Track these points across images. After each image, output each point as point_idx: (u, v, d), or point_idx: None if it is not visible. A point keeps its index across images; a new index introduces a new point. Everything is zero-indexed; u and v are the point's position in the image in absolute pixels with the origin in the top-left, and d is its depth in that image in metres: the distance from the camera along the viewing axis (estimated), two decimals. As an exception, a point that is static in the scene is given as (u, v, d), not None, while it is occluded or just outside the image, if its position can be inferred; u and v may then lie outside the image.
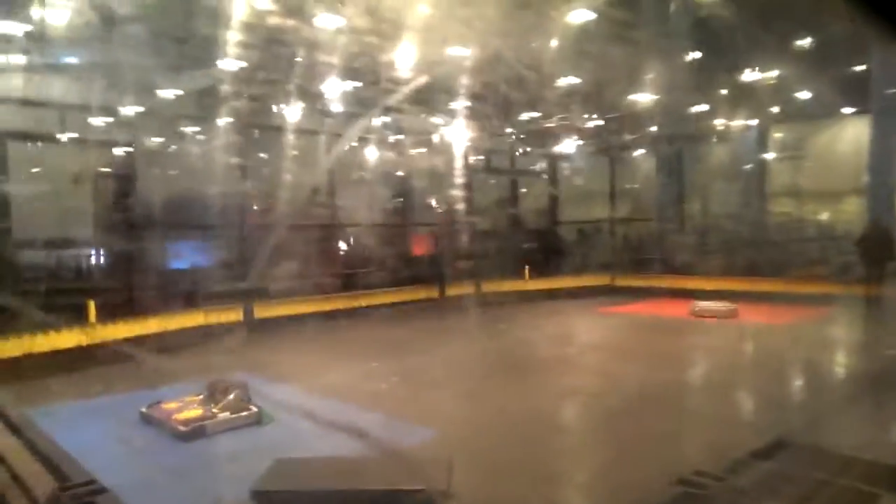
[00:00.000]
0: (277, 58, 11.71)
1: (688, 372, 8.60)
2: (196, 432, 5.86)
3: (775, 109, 17.94)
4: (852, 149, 16.86)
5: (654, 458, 4.78)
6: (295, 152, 13.46)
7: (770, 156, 19.66)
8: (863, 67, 14.12)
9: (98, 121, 12.05)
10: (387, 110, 15.15)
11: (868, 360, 8.49)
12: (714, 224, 18.85)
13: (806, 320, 11.59)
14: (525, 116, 17.45)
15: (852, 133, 17.57)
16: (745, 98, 16.71)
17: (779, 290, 13.55)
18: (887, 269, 11.65)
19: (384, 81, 12.71)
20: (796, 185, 19.06)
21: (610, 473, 4.79)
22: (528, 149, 19.72)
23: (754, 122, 18.65)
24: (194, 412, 6.22)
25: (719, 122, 18.55)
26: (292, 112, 12.88)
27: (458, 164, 15.89)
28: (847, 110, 17.34)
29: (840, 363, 8.96)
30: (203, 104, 13.36)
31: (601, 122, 18.36)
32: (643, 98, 15.44)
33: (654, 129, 18.33)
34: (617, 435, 5.75)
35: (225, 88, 11.97)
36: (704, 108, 17.90)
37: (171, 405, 6.48)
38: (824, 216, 18.91)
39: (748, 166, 19.54)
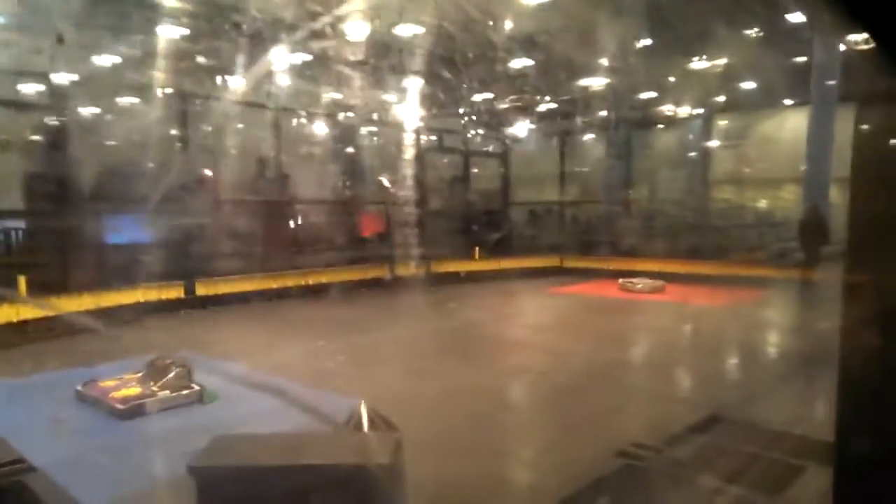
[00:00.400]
0: (220, 27, 11.30)
1: (630, 350, 8.83)
2: (134, 410, 5.66)
3: (721, 98, 18.46)
4: (792, 138, 17.55)
5: (599, 432, 4.90)
6: (240, 125, 13.08)
7: (714, 143, 20.27)
8: (804, 59, 14.63)
9: (29, 87, 11.41)
10: (339, 85, 14.87)
11: (795, 340, 8.91)
12: (659, 208, 19.35)
13: (742, 302, 12.07)
14: (478, 98, 17.42)
15: (793, 123, 18.28)
16: (693, 86, 17.13)
17: (719, 273, 14.07)
18: (821, 253, 12.23)
19: (335, 54, 12.46)
20: (738, 173, 19.77)
21: (556, 448, 4.88)
22: (481, 130, 19.72)
23: (700, 109, 19.16)
24: (133, 390, 6.01)
25: (667, 109, 18.98)
26: (237, 83, 12.44)
27: (410, 142, 15.76)
28: (788, 101, 18.02)
29: (770, 342, 9.37)
30: (142, 72, 12.78)
31: (553, 105, 18.51)
32: (594, 82, 15.61)
33: (604, 113, 18.60)
34: (563, 411, 5.86)
35: (165, 56, 11.48)
36: (653, 94, 18.27)
37: (109, 383, 6.24)
38: (763, 203, 19.69)
39: (693, 153, 20.10)
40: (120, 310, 10.38)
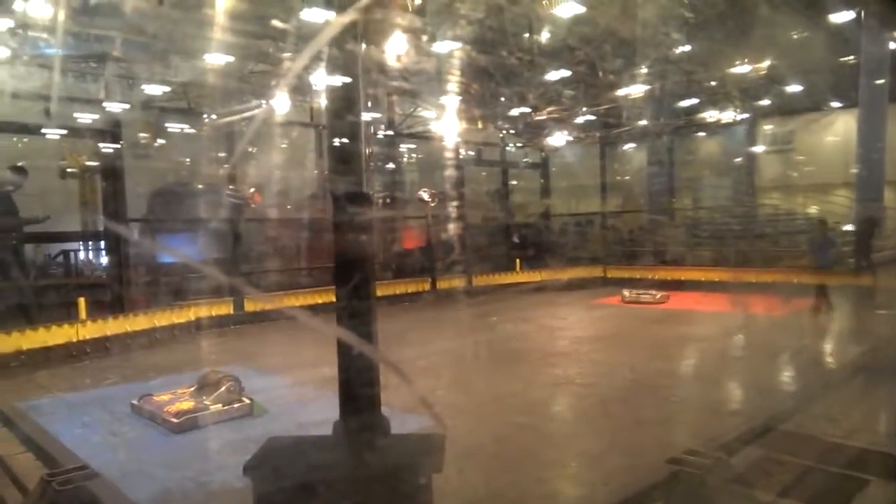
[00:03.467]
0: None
1: (675, 361, 8.64)
2: (188, 424, 5.83)
3: (765, 102, 18.03)
4: (841, 141, 16.99)
5: (646, 442, 4.82)
6: (284, 144, 13.43)
7: (759, 149, 19.79)
8: (852, 58, 14.19)
9: (82, 115, 11.95)
10: (375, 105, 15.13)
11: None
12: (704, 216, 18.96)
13: (790, 312, 11.66)
14: (516, 111, 17.44)
15: (841, 126, 17.71)
16: (736, 90, 16.79)
17: (766, 280, 13.68)
18: (873, 259, 11.82)
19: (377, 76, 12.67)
20: (785, 178, 19.21)
21: (603, 458, 4.81)
22: (520, 142, 19.73)
23: (745, 115, 18.75)
24: (186, 404, 6.19)
25: (710, 115, 18.62)
26: (281, 104, 12.79)
27: (450, 156, 15.88)
28: (836, 103, 17.47)
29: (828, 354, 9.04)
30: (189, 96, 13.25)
31: (592, 116, 18.38)
32: (634, 90, 15.44)
33: (645, 122, 18.37)
34: (610, 421, 5.78)
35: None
36: (695, 100, 17.96)
37: (163, 397, 6.45)
38: (813, 209, 19.06)
39: (738, 159, 19.66)
40: (173, 327, 10.72)
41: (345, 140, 2.92)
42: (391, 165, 16.72)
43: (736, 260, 15.39)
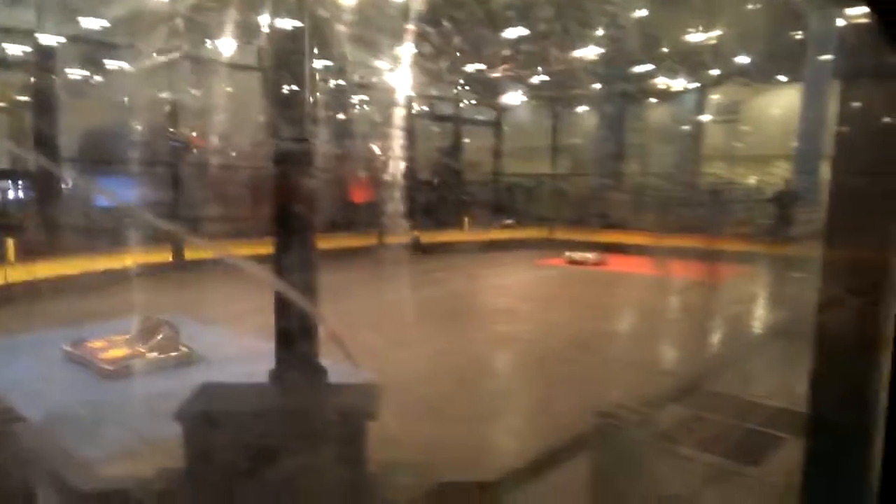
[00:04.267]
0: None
1: (612, 321, 8.95)
2: (123, 371, 5.72)
3: (715, 72, 18.36)
4: (785, 115, 17.53)
5: (577, 398, 5.01)
6: (230, 89, 12.90)
7: (707, 118, 20.23)
8: (800, 34, 14.53)
9: (15, 47, 11.16)
10: (328, 53, 14.66)
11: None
12: (650, 182, 19.39)
13: (729, 277, 12.19)
14: (471, 67, 17.21)
15: (786, 99, 18.24)
16: (687, 59, 17.02)
17: (704, 247, 14.18)
18: (791, 228, 12.50)
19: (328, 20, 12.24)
20: (730, 148, 19.78)
21: (536, 412, 4.99)
22: (473, 99, 19.57)
23: (695, 84, 19.06)
24: (121, 351, 6.06)
25: (661, 82, 18.86)
26: (228, 45, 12.23)
27: (402, 110, 15.62)
28: (782, 77, 17.95)
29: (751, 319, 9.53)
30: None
31: (546, 77, 18.35)
32: (588, 52, 15.45)
33: (598, 85, 18.47)
34: (545, 378, 5.98)
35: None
36: (648, 67, 18.12)
37: (97, 344, 6.28)
38: (753, 179, 19.75)
39: (686, 127, 20.06)
40: (107, 273, 10.35)
41: (289, 86, 2.84)
42: (341, 116, 16.34)
43: (677, 226, 15.88)
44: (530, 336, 7.68)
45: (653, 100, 20.42)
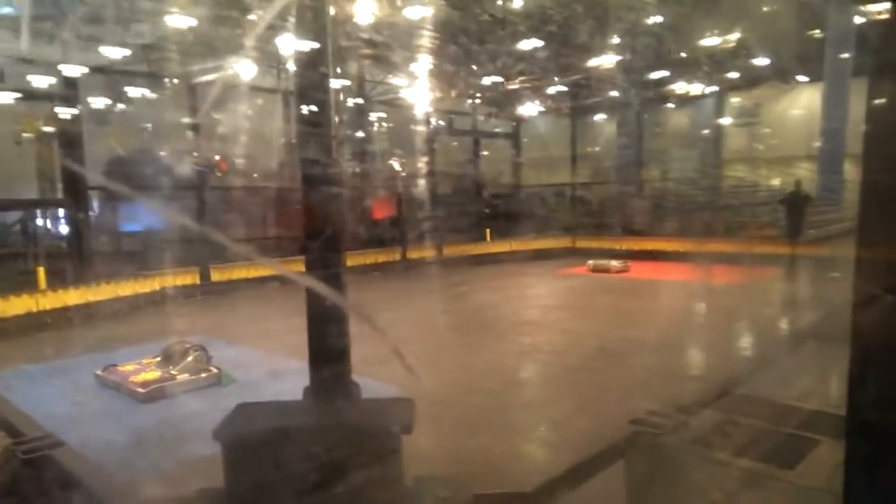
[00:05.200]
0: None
1: (639, 329, 8.85)
2: (154, 394, 5.79)
3: (733, 75, 18.22)
4: (806, 115, 17.33)
5: (612, 407, 4.96)
6: (249, 111, 13.13)
7: (727, 121, 20.07)
8: (818, 33, 14.38)
9: (39, 79, 11.48)
10: (344, 71, 14.86)
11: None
12: (671, 188, 19.25)
13: (757, 279, 12.03)
14: (488, 80, 17.31)
15: (807, 99, 18.03)
16: (705, 63, 16.92)
17: (730, 251, 14.03)
18: (803, 228, 12.37)
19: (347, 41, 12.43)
20: (751, 151, 19.57)
21: (568, 422, 4.95)
22: (492, 111, 19.64)
23: (713, 87, 18.94)
24: (152, 374, 6.14)
25: (679, 87, 18.76)
26: (246, 69, 12.44)
27: (420, 125, 15.76)
28: (802, 77, 17.75)
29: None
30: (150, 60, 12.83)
31: (563, 87, 18.37)
32: (605, 61, 15.43)
33: (615, 93, 18.44)
34: (576, 387, 5.93)
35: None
36: (665, 73, 18.06)
37: (128, 367, 6.38)
38: (776, 181, 19.50)
39: (705, 132, 19.92)
40: (137, 297, 10.54)
41: (313, 107, 2.88)
42: (361, 134, 16.52)
43: (700, 230, 15.73)
44: (557, 347, 7.63)
45: (671, 105, 20.31)
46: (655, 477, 2.71)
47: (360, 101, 16.03)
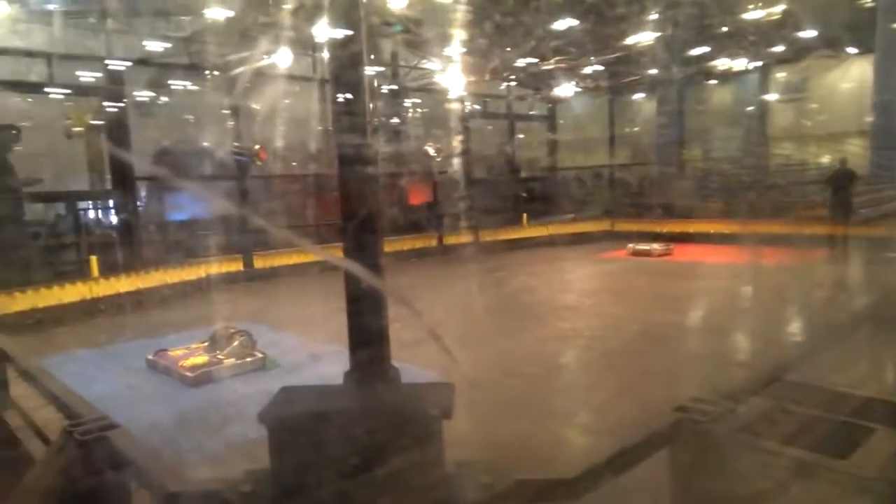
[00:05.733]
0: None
1: (681, 313, 8.69)
2: (203, 378, 5.97)
3: (778, 49, 17.54)
4: (856, 89, 16.59)
5: (654, 393, 4.89)
6: (287, 100, 13.27)
7: (772, 97, 19.37)
8: (868, 2, 13.73)
9: (86, 73, 11.80)
10: (378, 57, 14.86)
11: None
12: (714, 167, 18.73)
13: (806, 261, 11.65)
14: (522, 62, 17.06)
15: (856, 72, 17.27)
16: (748, 37, 16.33)
17: (776, 231, 13.61)
18: (852, 207, 11.89)
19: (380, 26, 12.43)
20: (798, 127, 18.86)
21: (609, 408, 4.90)
22: (527, 93, 19.39)
23: (757, 62, 18.28)
24: (200, 359, 6.33)
25: (721, 63, 18.16)
26: (282, 57, 12.55)
27: (456, 109, 15.68)
28: (851, 49, 16.98)
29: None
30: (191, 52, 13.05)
31: (600, 66, 17.99)
32: (644, 38, 15.01)
33: (654, 71, 17.97)
34: (616, 372, 5.87)
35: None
36: (706, 49, 17.50)
37: (177, 352, 6.59)
38: (826, 158, 18.78)
39: (750, 108, 19.28)
40: (185, 284, 10.84)
41: (348, 94, 2.89)
42: (395, 120, 16.53)
43: (746, 211, 15.29)
44: (597, 331, 7.55)
45: (713, 81, 19.68)
46: (701, 466, 2.66)
47: (394, 87, 16.02)
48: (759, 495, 3.08)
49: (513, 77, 18.16)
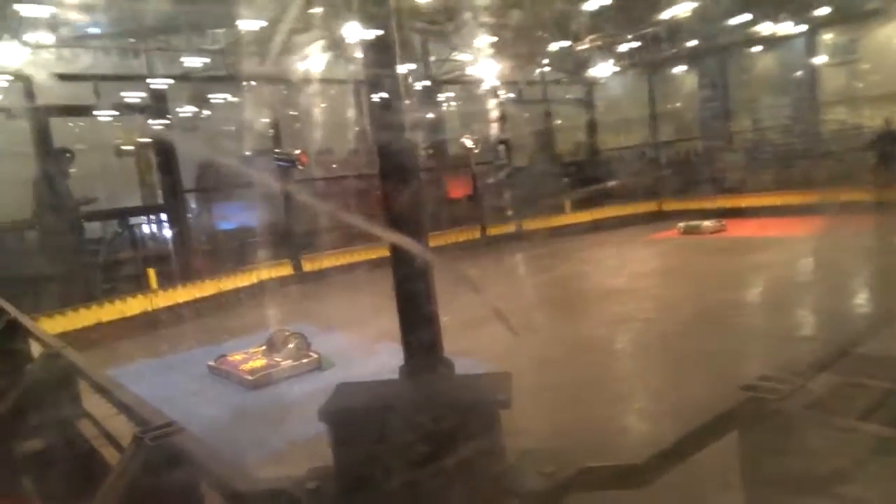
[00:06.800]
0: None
1: (739, 290, 8.41)
2: (262, 380, 6.12)
3: (825, 10, 16.73)
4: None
5: (718, 373, 4.76)
6: (323, 104, 13.41)
7: (821, 61, 18.51)
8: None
9: (129, 93, 12.18)
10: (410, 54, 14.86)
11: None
12: (764, 138, 18.05)
13: (868, 229, 11.10)
14: (556, 45, 16.76)
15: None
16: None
17: (836, 200, 13.02)
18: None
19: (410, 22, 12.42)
20: (851, 91, 17.97)
21: (671, 390, 4.79)
22: (562, 77, 19.07)
23: (803, 26, 17.49)
24: (259, 362, 6.48)
25: (764, 29, 17.43)
26: (317, 62, 12.69)
27: (489, 99, 15.55)
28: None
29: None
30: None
31: (637, 42, 17.51)
32: (682, 9, 14.51)
33: (694, 42, 17.41)
34: (675, 354, 5.73)
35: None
36: (748, 15, 16.83)
37: (237, 357, 6.76)
38: (883, 121, 17.86)
39: (798, 73, 18.48)
40: (239, 291, 11.12)
41: (383, 94, 2.89)
42: (431, 115, 16.51)
43: (800, 181, 14.70)
44: (651, 313, 7.39)
45: (757, 48, 18.92)
46: (772, 446, 2.56)
47: (427, 82, 16.00)
48: (837, 473, 2.95)
49: (546, 62, 17.88)
